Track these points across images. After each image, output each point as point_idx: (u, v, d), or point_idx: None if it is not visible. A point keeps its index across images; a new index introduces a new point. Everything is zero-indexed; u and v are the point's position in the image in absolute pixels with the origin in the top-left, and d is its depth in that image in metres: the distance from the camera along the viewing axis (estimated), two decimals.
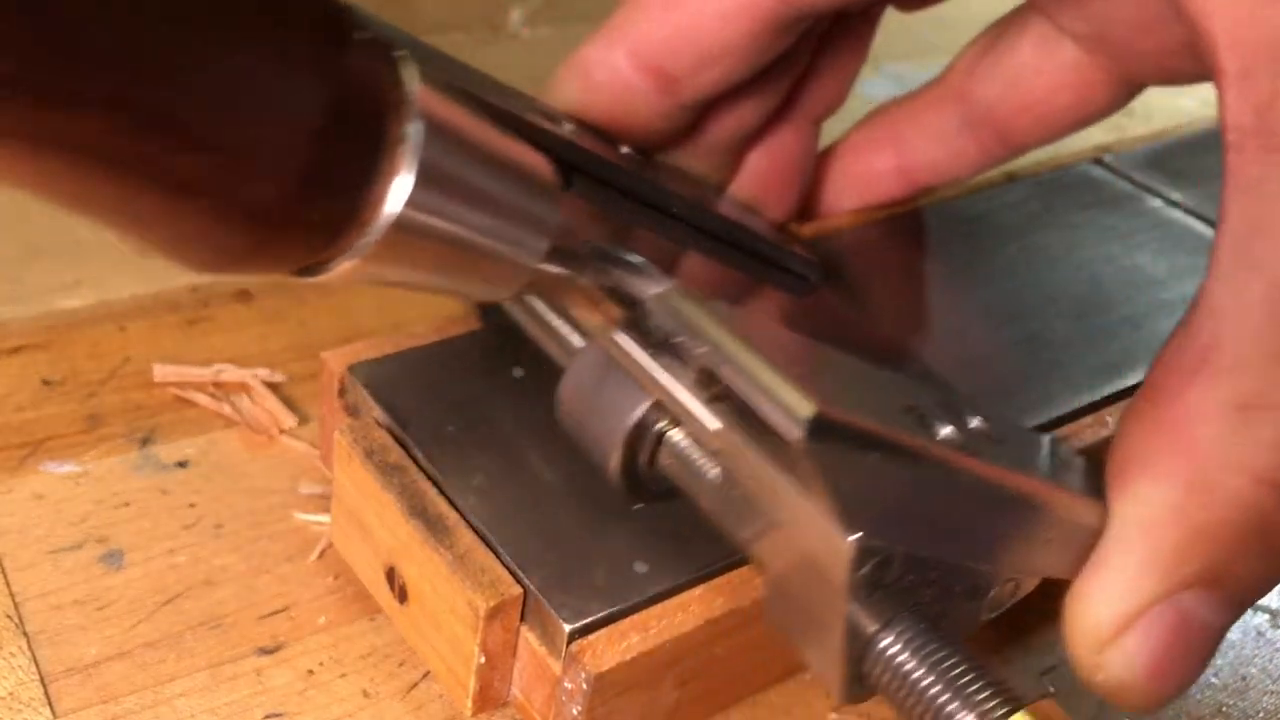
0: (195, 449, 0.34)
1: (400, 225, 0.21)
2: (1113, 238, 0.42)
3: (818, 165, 0.38)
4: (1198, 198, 0.44)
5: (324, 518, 0.33)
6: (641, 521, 0.29)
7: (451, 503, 0.29)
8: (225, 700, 0.28)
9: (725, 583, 0.28)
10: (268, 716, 0.28)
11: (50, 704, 0.27)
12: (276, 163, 0.19)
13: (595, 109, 0.31)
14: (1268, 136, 0.23)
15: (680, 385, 0.26)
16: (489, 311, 0.33)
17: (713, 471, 0.26)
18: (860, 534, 0.22)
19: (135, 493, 0.33)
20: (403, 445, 0.30)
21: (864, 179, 0.37)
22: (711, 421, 0.25)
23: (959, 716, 0.23)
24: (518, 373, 0.32)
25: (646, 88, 0.30)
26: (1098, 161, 0.46)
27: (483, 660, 0.27)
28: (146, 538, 0.31)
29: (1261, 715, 0.32)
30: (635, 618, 0.27)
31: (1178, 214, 0.43)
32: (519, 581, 0.27)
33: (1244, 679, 0.33)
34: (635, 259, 0.27)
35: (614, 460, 0.27)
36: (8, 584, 0.30)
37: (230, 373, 0.37)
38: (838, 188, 0.38)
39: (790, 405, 0.22)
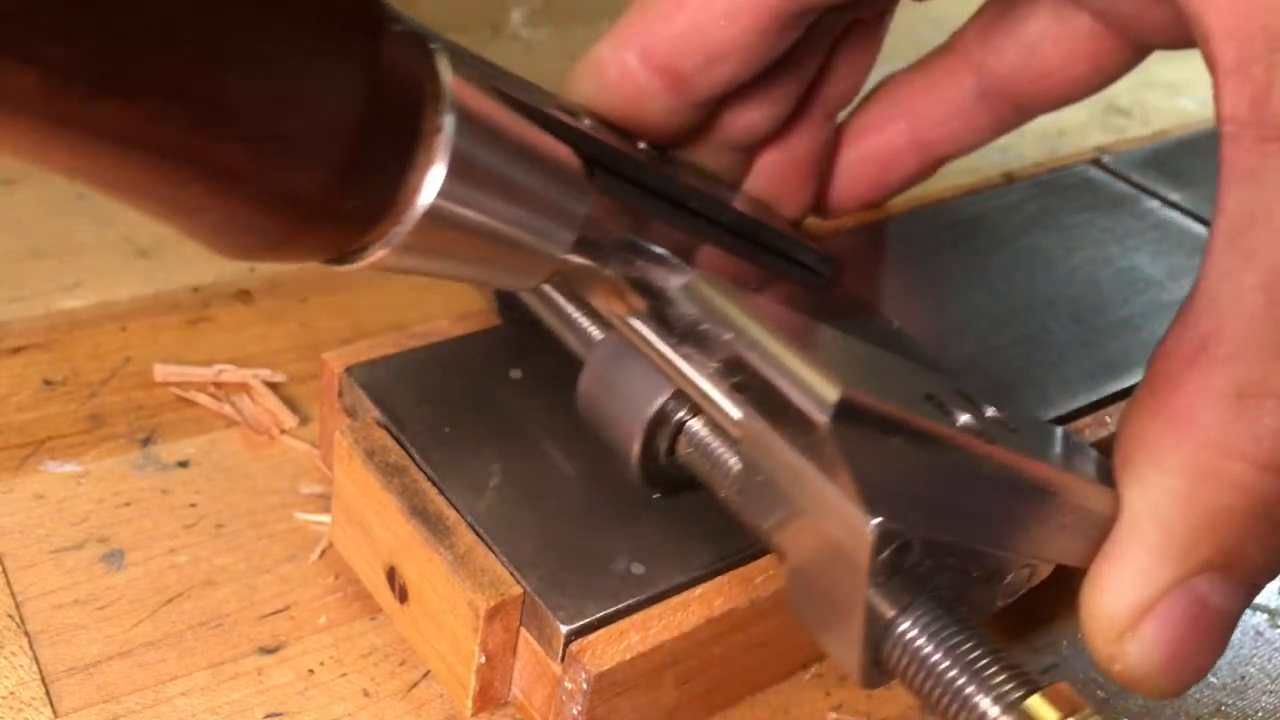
0: (196, 449, 0.34)
1: (433, 215, 0.21)
2: (1110, 239, 0.42)
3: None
4: (1196, 199, 0.44)
5: (324, 518, 0.33)
6: (641, 522, 0.29)
7: (451, 503, 0.29)
8: (226, 699, 0.28)
9: (724, 582, 0.28)
10: (268, 716, 0.28)
11: (51, 703, 0.27)
12: (317, 152, 0.19)
13: (609, 107, 0.31)
14: (1263, 128, 0.23)
15: (701, 375, 0.26)
16: (508, 307, 0.33)
17: (732, 461, 0.26)
18: (881, 518, 0.22)
19: (136, 492, 0.33)
20: (402, 446, 0.30)
21: (881, 157, 0.37)
22: (734, 410, 0.25)
23: (976, 699, 0.23)
24: (516, 373, 0.32)
25: (658, 86, 0.30)
26: (1095, 162, 0.46)
27: (483, 660, 0.27)
28: (147, 537, 0.31)
29: (1260, 714, 0.32)
30: (635, 618, 0.27)
31: (1175, 215, 0.43)
32: (517, 582, 0.27)
33: (1243, 678, 0.33)
34: (659, 250, 0.27)
35: (634, 450, 0.27)
36: (9, 583, 0.30)
37: (231, 373, 0.37)
38: (854, 168, 0.37)
39: (817, 389, 0.22)
